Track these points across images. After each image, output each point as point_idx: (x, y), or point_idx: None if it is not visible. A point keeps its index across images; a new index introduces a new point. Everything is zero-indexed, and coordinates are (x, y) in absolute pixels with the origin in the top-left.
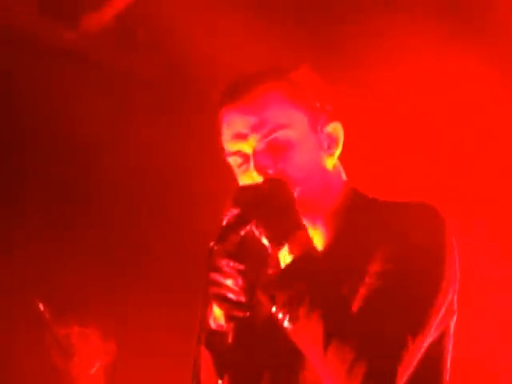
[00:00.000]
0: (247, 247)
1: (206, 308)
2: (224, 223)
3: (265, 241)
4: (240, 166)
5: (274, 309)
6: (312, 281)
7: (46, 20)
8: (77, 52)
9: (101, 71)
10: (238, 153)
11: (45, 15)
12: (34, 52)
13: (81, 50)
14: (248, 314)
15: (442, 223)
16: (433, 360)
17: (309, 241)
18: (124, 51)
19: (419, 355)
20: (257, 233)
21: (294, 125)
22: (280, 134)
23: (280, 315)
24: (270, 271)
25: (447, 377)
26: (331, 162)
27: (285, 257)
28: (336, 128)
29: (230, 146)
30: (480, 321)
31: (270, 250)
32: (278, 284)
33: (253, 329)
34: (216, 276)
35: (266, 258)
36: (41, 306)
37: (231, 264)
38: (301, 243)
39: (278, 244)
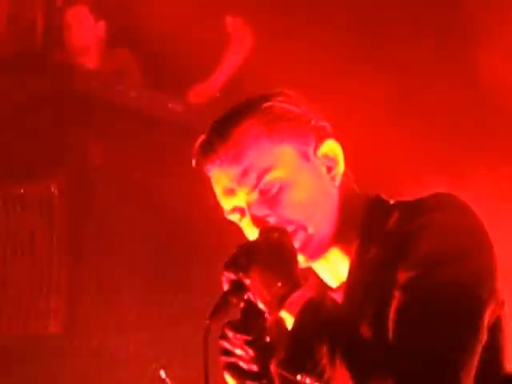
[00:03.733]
0: (252, 313)
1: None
2: (223, 290)
3: (261, 305)
4: (241, 220)
5: (298, 377)
6: (327, 333)
7: (151, 92)
8: (182, 123)
9: None
10: (234, 209)
11: (150, 88)
12: (140, 123)
13: (186, 121)
14: (263, 382)
15: (465, 209)
16: (489, 356)
17: (305, 298)
18: None
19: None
20: (252, 298)
21: (280, 163)
22: (268, 179)
23: (308, 381)
24: (271, 338)
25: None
26: (337, 183)
27: (288, 319)
28: (330, 146)
29: (224, 203)
30: None
31: (267, 316)
32: (291, 354)
33: None
34: (225, 344)
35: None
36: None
37: (238, 336)
38: (297, 304)
39: (273, 310)
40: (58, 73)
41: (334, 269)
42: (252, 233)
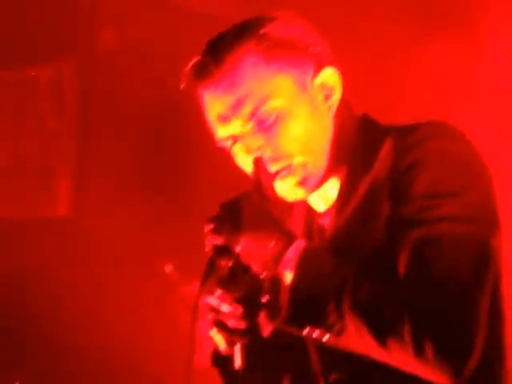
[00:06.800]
0: (239, 271)
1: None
2: (209, 251)
3: (256, 268)
4: (232, 146)
5: (305, 332)
6: (329, 281)
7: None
8: (202, 13)
9: None
10: (227, 137)
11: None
12: (157, 8)
13: (210, 11)
14: (249, 339)
15: (462, 137)
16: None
17: (300, 250)
18: None
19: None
20: (245, 263)
21: (278, 92)
22: (266, 109)
23: (315, 334)
24: (270, 297)
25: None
26: (333, 112)
27: (286, 275)
28: (328, 74)
29: (217, 130)
30: None
31: (263, 278)
32: (295, 309)
33: (261, 348)
34: (212, 302)
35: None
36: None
37: (225, 293)
38: (293, 259)
39: (270, 270)
40: None
41: (323, 192)
42: (243, 160)
